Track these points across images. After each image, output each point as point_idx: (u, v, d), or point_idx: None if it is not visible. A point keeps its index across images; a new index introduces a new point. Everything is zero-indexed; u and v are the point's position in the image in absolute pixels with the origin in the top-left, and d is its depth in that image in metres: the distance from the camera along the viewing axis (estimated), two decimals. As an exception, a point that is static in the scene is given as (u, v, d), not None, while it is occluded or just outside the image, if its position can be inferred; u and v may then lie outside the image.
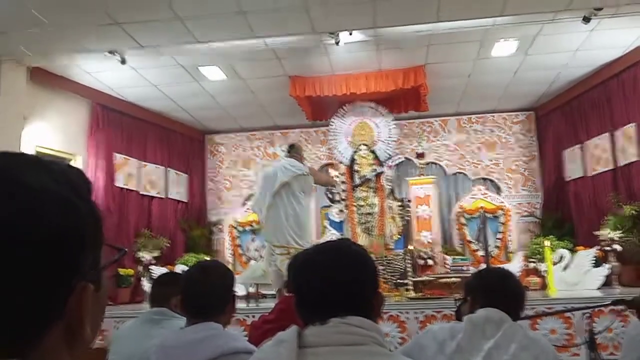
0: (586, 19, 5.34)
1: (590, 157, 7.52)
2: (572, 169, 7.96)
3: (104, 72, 6.59)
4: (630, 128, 6.65)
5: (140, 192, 8.03)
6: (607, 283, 6.45)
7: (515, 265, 7.10)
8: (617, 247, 6.56)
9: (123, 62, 5.94)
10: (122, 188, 7.66)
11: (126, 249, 0.68)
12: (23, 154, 0.57)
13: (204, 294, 1.81)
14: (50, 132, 6.66)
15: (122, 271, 7.30)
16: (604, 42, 6.21)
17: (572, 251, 6.96)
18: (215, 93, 7.58)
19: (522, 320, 1.99)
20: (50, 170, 0.55)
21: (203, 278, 1.85)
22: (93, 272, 0.57)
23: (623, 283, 6.46)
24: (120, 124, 7.78)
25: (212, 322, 1.74)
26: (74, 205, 0.54)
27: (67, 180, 0.56)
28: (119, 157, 7.65)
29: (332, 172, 7.93)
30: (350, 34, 5.71)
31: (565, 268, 6.72)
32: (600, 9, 5.20)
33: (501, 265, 6.52)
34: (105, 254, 0.62)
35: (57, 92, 6.76)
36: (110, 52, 5.81)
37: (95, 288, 0.57)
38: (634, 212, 6.44)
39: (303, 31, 5.52)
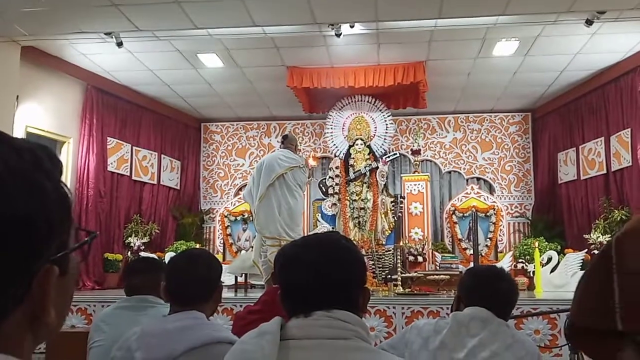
0: (589, 22, 5.30)
1: (584, 161, 7.54)
2: (566, 171, 7.98)
3: (100, 54, 6.51)
4: (625, 133, 6.66)
5: (132, 177, 7.97)
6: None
7: (503, 265, 7.11)
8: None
9: (119, 45, 5.87)
10: (113, 172, 7.60)
11: (97, 233, 0.65)
12: None
13: (188, 282, 1.77)
14: (42, 113, 6.58)
15: (110, 256, 7.27)
16: (605, 46, 6.19)
17: (561, 253, 6.97)
18: (212, 80, 7.51)
19: (509, 320, 1.99)
20: (17, 148, 0.53)
21: (189, 266, 1.82)
22: (59, 255, 0.54)
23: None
24: (115, 107, 7.70)
25: (195, 311, 1.71)
26: (41, 185, 0.52)
27: (35, 159, 0.53)
28: (111, 141, 7.59)
29: (312, 162, 7.38)
30: (352, 26, 5.65)
31: (553, 270, 6.73)
32: (603, 12, 5.16)
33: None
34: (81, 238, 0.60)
35: (51, 73, 6.67)
36: (107, 34, 5.75)
37: (61, 272, 0.55)
38: (624, 216, 6.47)
39: (303, 21, 5.46)
